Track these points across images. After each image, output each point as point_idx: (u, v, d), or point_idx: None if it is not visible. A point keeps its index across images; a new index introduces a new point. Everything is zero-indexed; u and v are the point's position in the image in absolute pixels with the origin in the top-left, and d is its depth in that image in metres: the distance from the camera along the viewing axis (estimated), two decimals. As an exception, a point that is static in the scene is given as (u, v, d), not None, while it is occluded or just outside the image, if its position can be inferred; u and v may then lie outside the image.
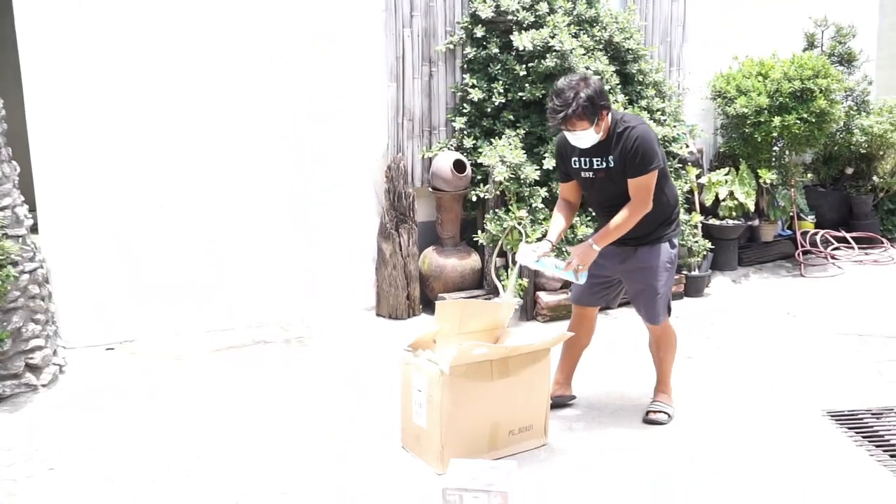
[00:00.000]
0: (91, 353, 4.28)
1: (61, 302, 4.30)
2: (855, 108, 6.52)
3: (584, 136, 3.07)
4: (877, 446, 3.14)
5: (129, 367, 4.11)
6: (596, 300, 3.46)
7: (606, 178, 3.17)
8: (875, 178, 6.76)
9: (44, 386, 3.76)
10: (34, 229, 4.11)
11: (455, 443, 2.94)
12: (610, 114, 3.11)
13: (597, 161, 3.16)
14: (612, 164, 3.13)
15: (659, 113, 5.48)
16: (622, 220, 3.11)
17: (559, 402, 3.50)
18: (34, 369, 3.76)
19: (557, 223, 3.33)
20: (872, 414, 3.43)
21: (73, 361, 4.13)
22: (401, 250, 4.93)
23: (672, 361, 3.48)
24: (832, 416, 3.43)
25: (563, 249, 3.19)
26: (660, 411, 3.40)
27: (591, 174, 3.20)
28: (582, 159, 3.20)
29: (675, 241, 3.32)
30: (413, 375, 3.05)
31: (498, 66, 5.05)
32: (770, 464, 3.03)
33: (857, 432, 3.27)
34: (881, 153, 6.64)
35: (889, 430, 3.28)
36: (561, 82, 3.08)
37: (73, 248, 4.31)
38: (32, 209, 4.11)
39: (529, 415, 3.14)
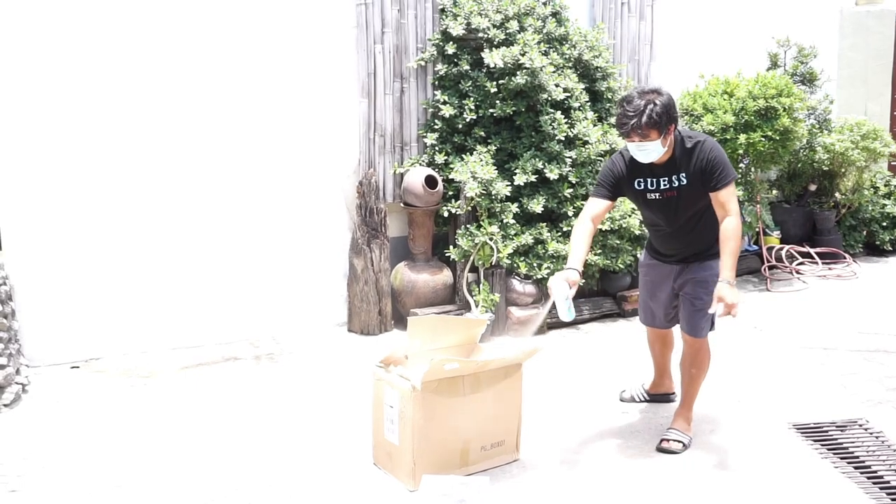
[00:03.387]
0: (55, 372, 4.20)
1: (25, 319, 4.21)
2: (817, 126, 6.68)
3: (651, 149, 3.01)
4: (841, 458, 3.19)
5: (94, 386, 4.03)
6: (670, 322, 3.47)
7: (676, 198, 3.12)
8: (837, 194, 6.91)
9: (6, 406, 3.68)
10: (-3, 245, 4.04)
11: (427, 459, 2.93)
12: (677, 129, 3.09)
13: (664, 181, 3.11)
14: (684, 182, 3.09)
15: (628, 130, 5.55)
16: (734, 244, 3.01)
17: (658, 399, 3.65)
18: (-4, 388, 3.68)
19: (580, 248, 3.11)
20: (837, 427, 3.49)
21: (37, 381, 4.05)
22: (373, 266, 4.92)
23: (702, 382, 3.38)
24: (798, 428, 3.48)
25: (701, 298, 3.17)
26: (675, 440, 3.28)
27: (657, 195, 3.14)
28: (648, 180, 3.14)
29: None
30: (385, 391, 3.04)
31: (469, 83, 5.09)
32: (737, 477, 3.06)
33: (822, 445, 3.32)
34: (843, 170, 6.80)
35: (853, 442, 3.34)
36: (633, 91, 3.05)
37: (38, 265, 4.23)
38: (-4, 225, 4.04)
39: (501, 430, 3.14)
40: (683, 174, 3.09)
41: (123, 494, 2.93)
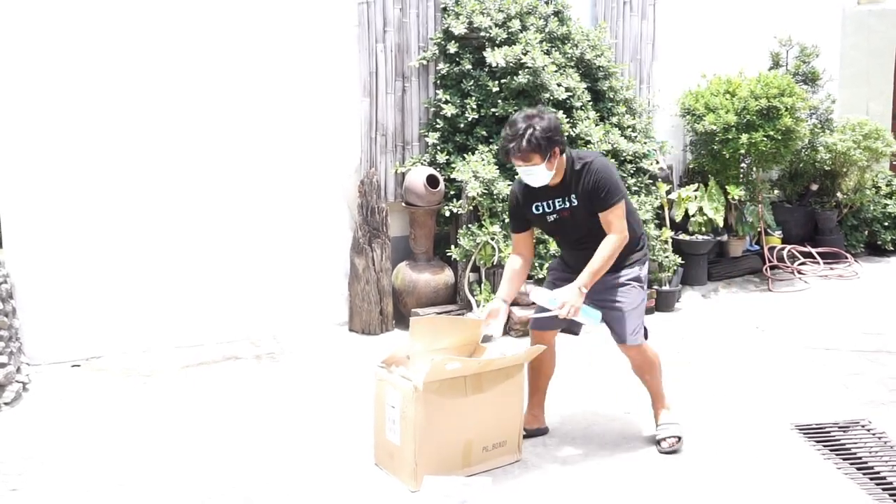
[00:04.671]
0: (56, 371, 4.19)
1: (26, 318, 4.20)
2: (819, 125, 6.66)
3: (537, 172, 3.01)
4: (844, 459, 3.19)
5: (95, 385, 4.03)
6: (558, 324, 3.32)
7: (571, 218, 3.12)
8: (839, 194, 6.90)
9: (6, 404, 3.67)
10: (-2, 244, 4.04)
11: (428, 459, 2.93)
12: (565, 153, 3.07)
13: (559, 202, 3.11)
14: (574, 203, 3.09)
15: (630, 129, 5.54)
16: (606, 256, 3.05)
17: (531, 434, 3.38)
18: (-3, 387, 3.68)
19: (510, 283, 3.21)
20: (839, 427, 3.49)
21: (38, 379, 4.04)
22: (374, 265, 4.91)
23: (660, 378, 3.39)
24: (800, 429, 3.47)
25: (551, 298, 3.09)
26: (671, 436, 3.27)
27: (555, 216, 3.14)
28: (543, 204, 3.14)
29: (644, 265, 3.30)
30: (386, 392, 3.03)
31: (471, 82, 5.08)
32: (740, 478, 3.06)
33: (824, 445, 3.31)
34: (845, 170, 6.78)
35: (856, 443, 3.33)
36: (516, 115, 3.05)
37: (39, 263, 4.22)
38: (-3, 223, 4.03)
39: (503, 430, 3.13)
40: (574, 195, 3.09)
41: (125, 493, 2.92)
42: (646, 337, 3.32)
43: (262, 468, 3.12)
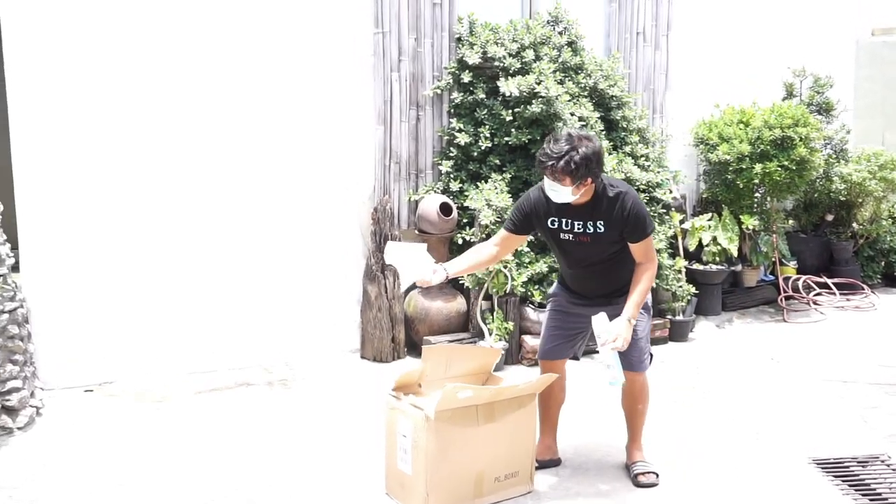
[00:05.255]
0: (69, 395, 4.20)
1: (40, 342, 4.22)
2: (834, 156, 6.65)
3: (561, 191, 2.98)
4: (863, 495, 3.13)
5: (107, 410, 4.03)
6: (568, 353, 3.34)
7: (589, 244, 3.10)
8: (855, 224, 6.86)
9: (20, 429, 3.68)
10: (15, 268, 4.06)
11: (440, 490, 2.90)
12: (597, 180, 3.04)
13: (578, 225, 3.08)
14: (601, 230, 3.06)
15: (643, 158, 5.55)
16: (646, 288, 3.08)
17: (544, 465, 3.35)
18: (10, 411, 3.68)
19: (467, 263, 3.21)
20: (858, 462, 3.43)
21: (51, 404, 4.05)
22: (386, 292, 4.91)
23: (647, 415, 3.35)
24: (818, 464, 3.42)
25: (595, 334, 3.10)
26: (648, 472, 3.26)
27: (570, 237, 3.12)
28: (564, 220, 3.10)
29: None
30: (398, 420, 3.02)
31: (484, 111, 5.11)
32: (757, 513, 3.01)
33: (843, 481, 3.26)
34: (860, 201, 6.75)
35: (875, 478, 3.28)
36: (565, 132, 3.01)
37: (54, 288, 4.25)
38: (15, 247, 4.06)
39: (515, 461, 3.10)
40: (602, 222, 3.05)
41: (134, 521, 2.91)
42: (651, 362, 3.31)
43: (273, 494, 3.10)
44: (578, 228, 3.09)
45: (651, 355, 3.30)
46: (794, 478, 3.30)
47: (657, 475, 3.26)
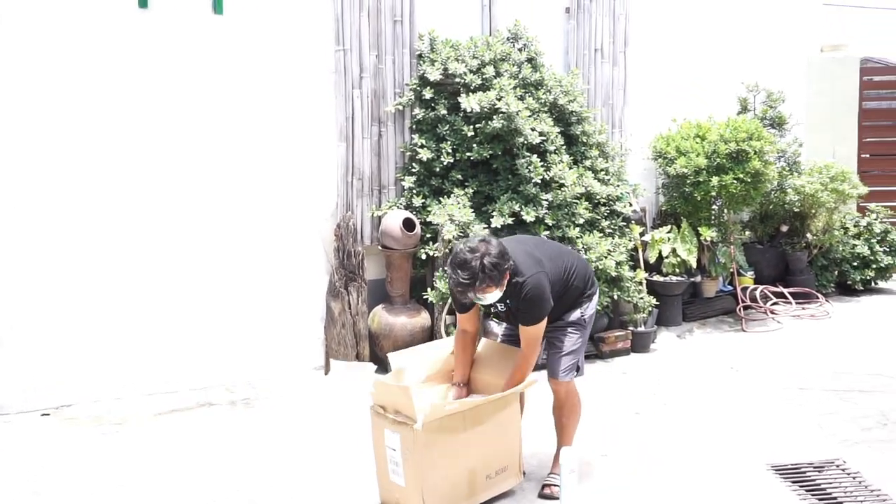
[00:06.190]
0: (25, 420, 4.10)
1: (-6, 366, 4.13)
2: (787, 168, 6.82)
3: (490, 297, 3.05)
4: (820, 500, 3.20)
5: (65, 435, 3.94)
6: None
7: (512, 311, 3.20)
8: (809, 235, 7.03)
9: (-28, 455, 3.58)
10: (-32, 290, 3.98)
11: (435, 496, 2.95)
12: (511, 270, 3.07)
13: (500, 305, 3.18)
14: (511, 305, 3.16)
15: (603, 172, 5.64)
16: (519, 371, 3.17)
17: None
18: (-38, 438, 3.58)
19: (465, 364, 3.34)
20: (815, 468, 3.50)
21: (5, 429, 3.95)
22: (350, 308, 4.90)
23: (576, 427, 3.37)
24: (777, 470, 3.48)
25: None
26: (555, 485, 3.23)
27: (501, 307, 3.21)
28: (486, 305, 3.19)
29: (589, 303, 3.33)
30: (385, 435, 3.04)
31: (446, 127, 5.15)
32: (718, 520, 3.05)
33: (800, 486, 3.33)
34: (813, 212, 6.93)
35: (831, 483, 3.35)
36: (461, 252, 2.99)
37: (7, 309, 4.16)
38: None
39: (504, 456, 3.17)
40: (509, 301, 3.14)
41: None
42: (580, 373, 3.35)
43: (236, 518, 3.06)
44: (500, 307, 3.20)
45: (579, 369, 3.34)
46: (753, 484, 3.36)
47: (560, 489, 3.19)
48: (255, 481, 3.39)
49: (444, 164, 5.09)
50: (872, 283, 7.31)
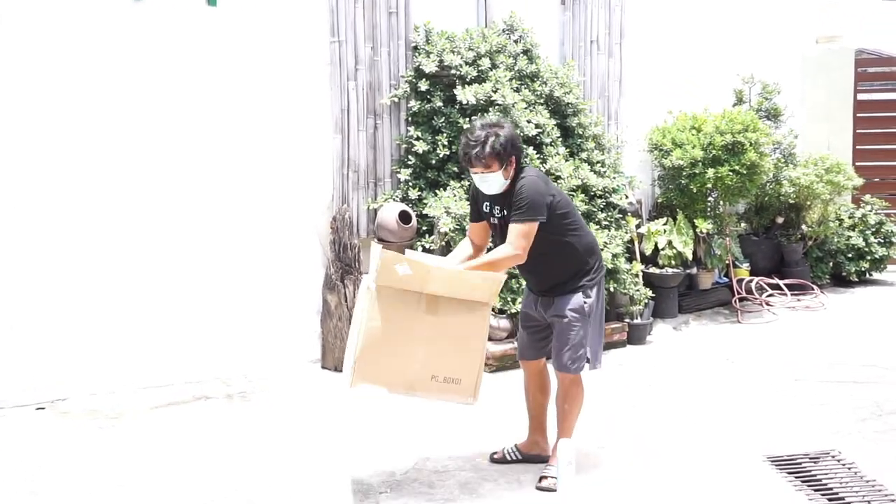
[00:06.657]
0: (20, 414, 4.08)
1: (-11, 360, 4.11)
2: (783, 160, 6.83)
3: (492, 180, 3.10)
4: (815, 490, 3.21)
5: (60, 429, 3.92)
6: (538, 352, 3.41)
7: (505, 227, 3.17)
8: (804, 226, 7.05)
9: (-33, 450, 3.57)
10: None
11: (368, 363, 2.94)
12: (520, 161, 3.16)
13: (497, 209, 3.21)
14: (506, 214, 3.16)
15: (599, 165, 5.63)
16: (485, 262, 3.11)
17: (528, 459, 3.42)
18: (-43, 432, 3.57)
19: (454, 259, 3.31)
20: (810, 458, 3.52)
21: (0, 423, 3.93)
22: (346, 302, 4.89)
23: (576, 417, 3.33)
24: (772, 461, 3.49)
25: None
26: (553, 476, 3.18)
27: (496, 220, 3.24)
28: (489, 204, 3.24)
29: (593, 291, 3.26)
30: (358, 298, 3.13)
31: (442, 119, 5.13)
32: (715, 511, 3.07)
33: (796, 477, 3.34)
34: (808, 203, 6.95)
35: (826, 473, 3.36)
36: (476, 123, 3.16)
37: (2, 304, 4.14)
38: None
39: (459, 367, 3.05)
40: (507, 212, 3.14)
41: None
42: (593, 365, 3.31)
43: (233, 511, 3.06)
44: (497, 213, 3.20)
45: (588, 360, 3.28)
46: (749, 475, 3.37)
47: (557, 480, 3.15)
48: (252, 476, 3.38)
49: (440, 156, 5.08)
50: (867, 275, 7.34)
